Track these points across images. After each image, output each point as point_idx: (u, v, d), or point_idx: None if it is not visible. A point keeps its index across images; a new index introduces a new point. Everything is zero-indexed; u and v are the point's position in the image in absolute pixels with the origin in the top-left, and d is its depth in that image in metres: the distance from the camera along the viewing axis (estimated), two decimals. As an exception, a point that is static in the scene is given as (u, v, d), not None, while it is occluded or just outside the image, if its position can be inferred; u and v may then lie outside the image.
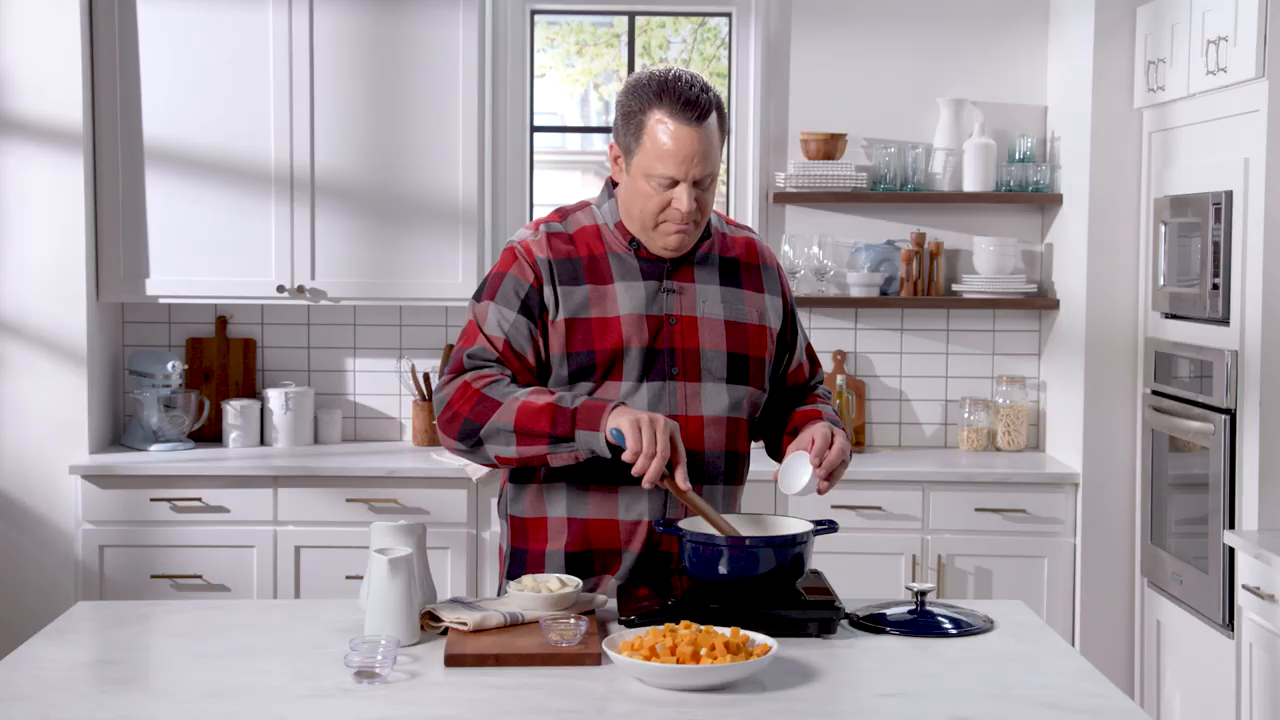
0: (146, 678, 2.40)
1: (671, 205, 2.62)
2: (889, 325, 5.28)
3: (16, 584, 4.77)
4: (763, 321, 2.77)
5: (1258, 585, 3.74)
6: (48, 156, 4.76)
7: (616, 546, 2.72)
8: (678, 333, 2.70)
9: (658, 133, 2.59)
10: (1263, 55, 3.86)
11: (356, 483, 4.71)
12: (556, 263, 2.69)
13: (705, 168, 2.61)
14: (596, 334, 2.66)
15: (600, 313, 2.67)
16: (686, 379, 2.69)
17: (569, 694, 2.22)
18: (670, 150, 2.58)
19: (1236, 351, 4.03)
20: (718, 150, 2.63)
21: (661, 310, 2.70)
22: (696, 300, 2.72)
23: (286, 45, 4.84)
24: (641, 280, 2.70)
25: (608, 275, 2.69)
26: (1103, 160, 4.76)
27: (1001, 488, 4.78)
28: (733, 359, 2.72)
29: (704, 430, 2.69)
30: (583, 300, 2.68)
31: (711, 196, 2.68)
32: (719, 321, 2.72)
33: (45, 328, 4.79)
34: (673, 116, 2.58)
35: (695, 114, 2.58)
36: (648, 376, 2.68)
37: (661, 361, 2.68)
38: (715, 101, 2.63)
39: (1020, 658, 2.47)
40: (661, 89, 2.59)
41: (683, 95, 2.58)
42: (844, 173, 5.06)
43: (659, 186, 2.61)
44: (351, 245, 4.90)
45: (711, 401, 2.71)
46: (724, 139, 2.67)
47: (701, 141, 2.59)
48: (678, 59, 5.53)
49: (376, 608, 2.45)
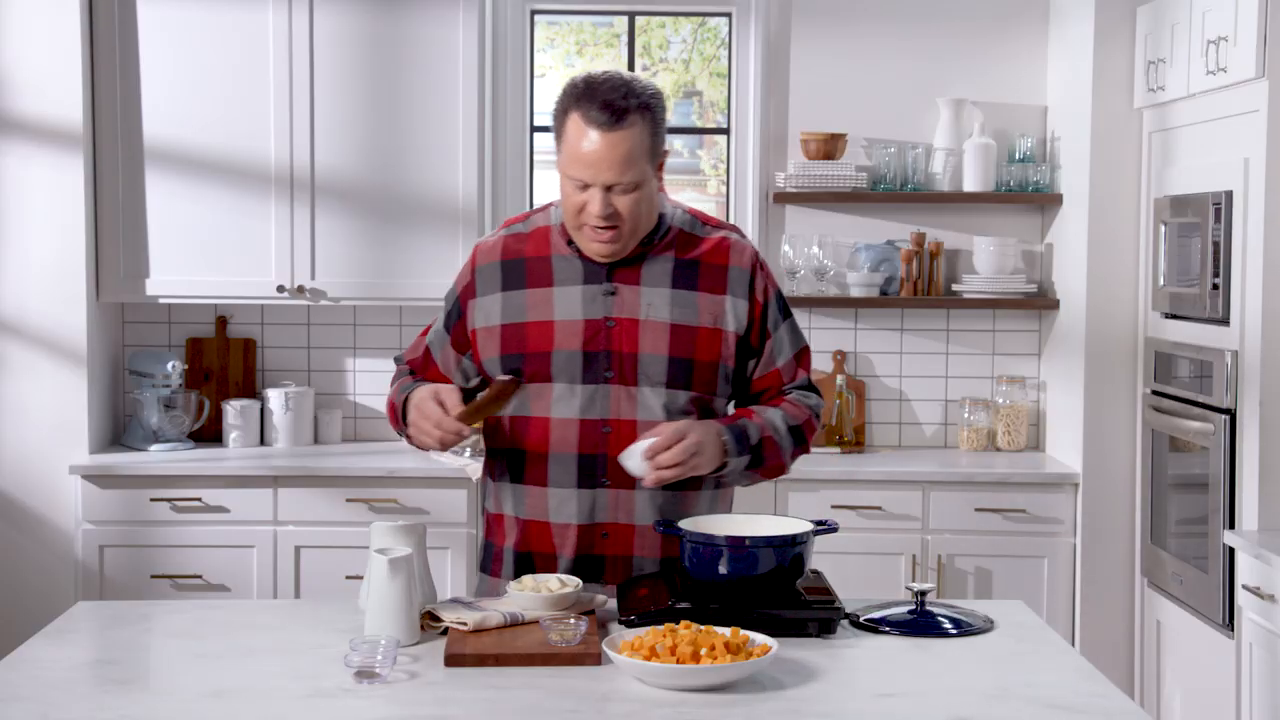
0: (146, 678, 2.40)
1: (586, 208, 2.61)
2: (889, 325, 5.28)
3: (16, 584, 4.77)
4: (717, 325, 2.70)
5: (1258, 585, 3.74)
6: (48, 156, 4.76)
7: (551, 550, 2.74)
8: (616, 336, 2.67)
9: (573, 135, 2.59)
10: (1263, 55, 3.86)
11: (356, 483, 4.71)
12: (504, 265, 2.74)
13: (618, 174, 2.57)
14: (531, 337, 2.69)
15: (537, 316, 2.70)
16: (624, 383, 2.67)
17: (569, 694, 2.22)
18: (580, 153, 2.58)
19: (1236, 351, 4.03)
20: (640, 156, 2.58)
21: (600, 313, 2.68)
22: (640, 303, 2.68)
23: (286, 45, 4.84)
24: (582, 283, 2.70)
25: (549, 278, 2.71)
26: (1103, 160, 4.76)
27: (1001, 488, 4.78)
28: (675, 363, 2.68)
29: (637, 434, 2.65)
30: (521, 305, 2.71)
31: (637, 203, 2.61)
32: (664, 325, 2.67)
33: (45, 328, 4.79)
34: (587, 119, 2.56)
35: (609, 117, 2.54)
36: (583, 379, 2.67)
37: (597, 365, 2.67)
38: (641, 106, 2.57)
39: (1020, 658, 2.47)
40: (584, 92, 2.58)
41: (601, 98, 2.56)
42: (844, 173, 5.06)
43: (575, 188, 2.61)
44: (351, 245, 4.90)
45: (648, 406, 2.67)
46: (654, 145, 2.60)
47: (612, 147, 2.55)
48: (678, 59, 5.53)
49: (376, 608, 2.45)
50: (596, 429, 2.68)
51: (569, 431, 2.68)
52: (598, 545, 2.71)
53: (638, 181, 2.60)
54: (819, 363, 5.26)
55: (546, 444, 2.69)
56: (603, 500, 2.69)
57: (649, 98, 2.60)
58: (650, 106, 2.60)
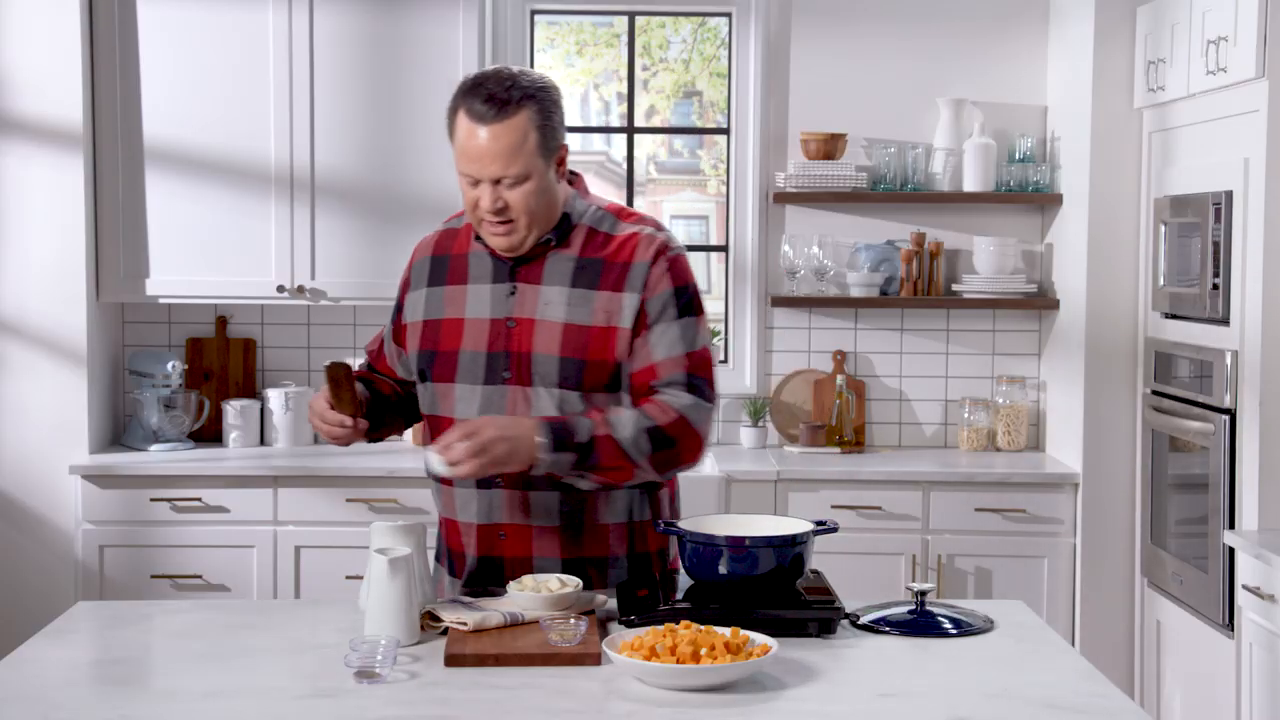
0: (146, 678, 2.40)
1: (479, 204, 2.62)
2: (889, 325, 5.28)
3: (16, 584, 4.77)
4: (611, 323, 2.64)
5: (1258, 585, 3.74)
6: (48, 156, 4.76)
7: (461, 549, 2.74)
8: (516, 336, 2.66)
9: (460, 131, 2.60)
10: (1263, 55, 3.86)
11: (356, 483, 4.71)
12: (433, 260, 2.78)
13: (503, 167, 2.56)
14: (443, 335, 2.71)
15: (452, 313, 2.72)
16: (520, 383, 2.65)
17: (569, 694, 2.22)
18: (466, 148, 2.59)
19: (1236, 351, 4.03)
20: (529, 149, 2.56)
21: (501, 313, 2.68)
22: (538, 302, 2.66)
23: (286, 45, 4.84)
24: (489, 282, 2.70)
25: (464, 276, 2.73)
26: (1103, 160, 4.76)
27: (1001, 488, 4.78)
28: (566, 364, 2.63)
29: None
30: (439, 300, 2.74)
31: (528, 196, 2.59)
32: (557, 325, 2.64)
33: (45, 328, 4.79)
34: (470, 114, 2.57)
35: (492, 111, 2.55)
36: (484, 380, 2.68)
37: (497, 365, 2.67)
38: (525, 97, 2.56)
39: (1020, 658, 2.47)
40: (469, 88, 2.60)
41: (484, 93, 2.56)
42: (844, 173, 5.06)
43: (468, 184, 2.62)
44: (351, 245, 4.90)
45: (541, 407, 2.64)
46: (544, 139, 2.58)
47: (495, 139, 2.55)
48: (678, 59, 5.53)
49: (376, 608, 2.45)
50: None
51: None
52: (497, 546, 2.70)
53: (525, 174, 2.58)
54: (819, 363, 5.26)
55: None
56: (498, 500, 2.68)
57: (536, 89, 2.58)
58: (536, 97, 2.58)
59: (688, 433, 2.61)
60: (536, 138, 2.57)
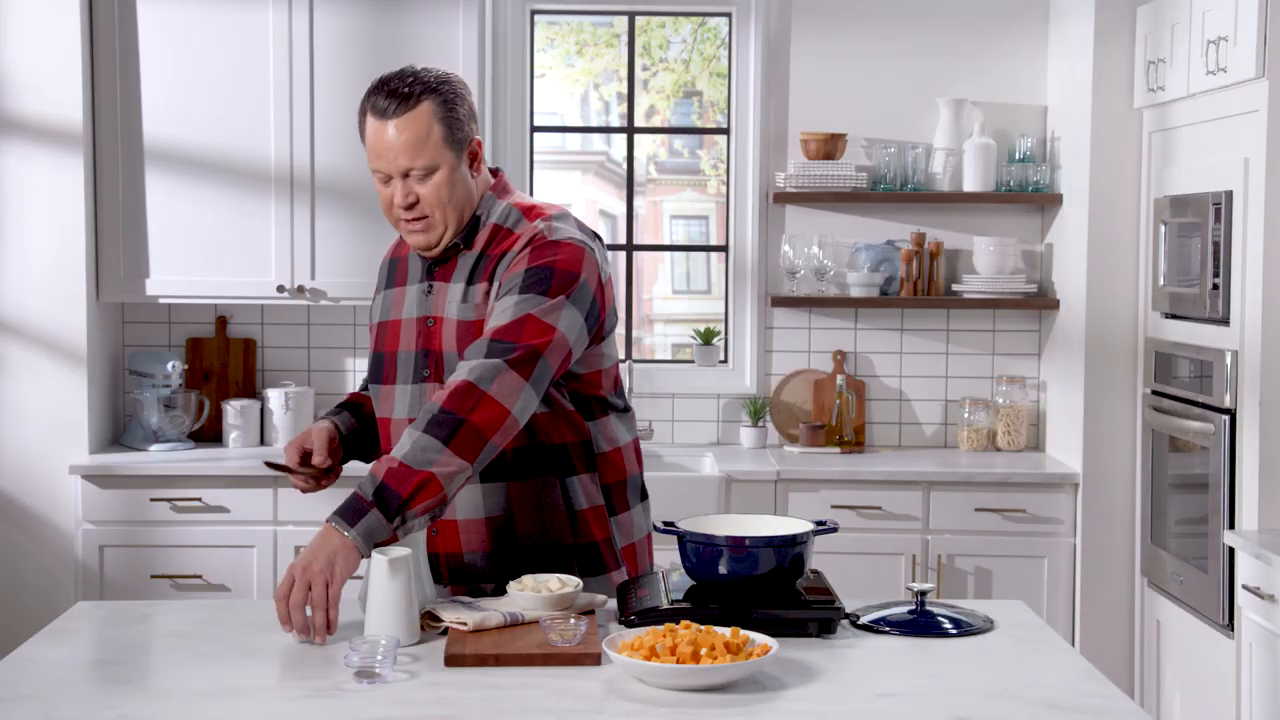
0: (146, 678, 2.40)
1: (393, 202, 2.64)
2: (889, 325, 5.28)
3: (16, 584, 4.77)
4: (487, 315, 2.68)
5: (1258, 585, 3.74)
6: (48, 156, 4.76)
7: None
8: (434, 334, 2.71)
9: (367, 131, 2.63)
10: (1263, 55, 3.86)
11: (357, 483, 4.69)
12: (388, 264, 2.84)
13: (409, 159, 2.59)
14: (385, 337, 2.76)
15: (391, 315, 2.77)
16: (438, 379, 2.69)
17: (569, 694, 2.22)
18: (373, 145, 2.62)
19: (1236, 351, 4.03)
20: (435, 141, 2.58)
21: (423, 312, 2.72)
22: (445, 301, 2.70)
23: (286, 45, 4.84)
24: (417, 283, 2.74)
25: (403, 278, 2.78)
26: (1103, 160, 4.76)
27: (1001, 488, 4.78)
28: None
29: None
30: (385, 303, 2.79)
31: (439, 189, 2.61)
32: (454, 322, 2.68)
33: (45, 328, 4.79)
34: (373, 112, 2.61)
35: (393, 105, 2.58)
36: (411, 379, 2.72)
37: (419, 364, 2.71)
38: (427, 90, 2.58)
39: (1020, 658, 2.47)
40: (374, 87, 2.63)
41: (384, 89, 2.60)
42: (844, 173, 5.06)
43: (380, 183, 2.65)
44: (351, 245, 4.90)
45: None
46: (450, 132, 2.60)
47: (398, 133, 2.58)
48: (678, 59, 5.53)
49: (376, 608, 2.45)
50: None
51: (399, 430, 2.72)
52: (428, 542, 2.72)
53: (433, 166, 2.60)
54: (819, 363, 5.26)
55: (390, 442, 2.75)
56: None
57: (437, 83, 2.61)
58: (438, 90, 2.61)
59: (474, 401, 2.46)
60: (441, 130, 2.60)
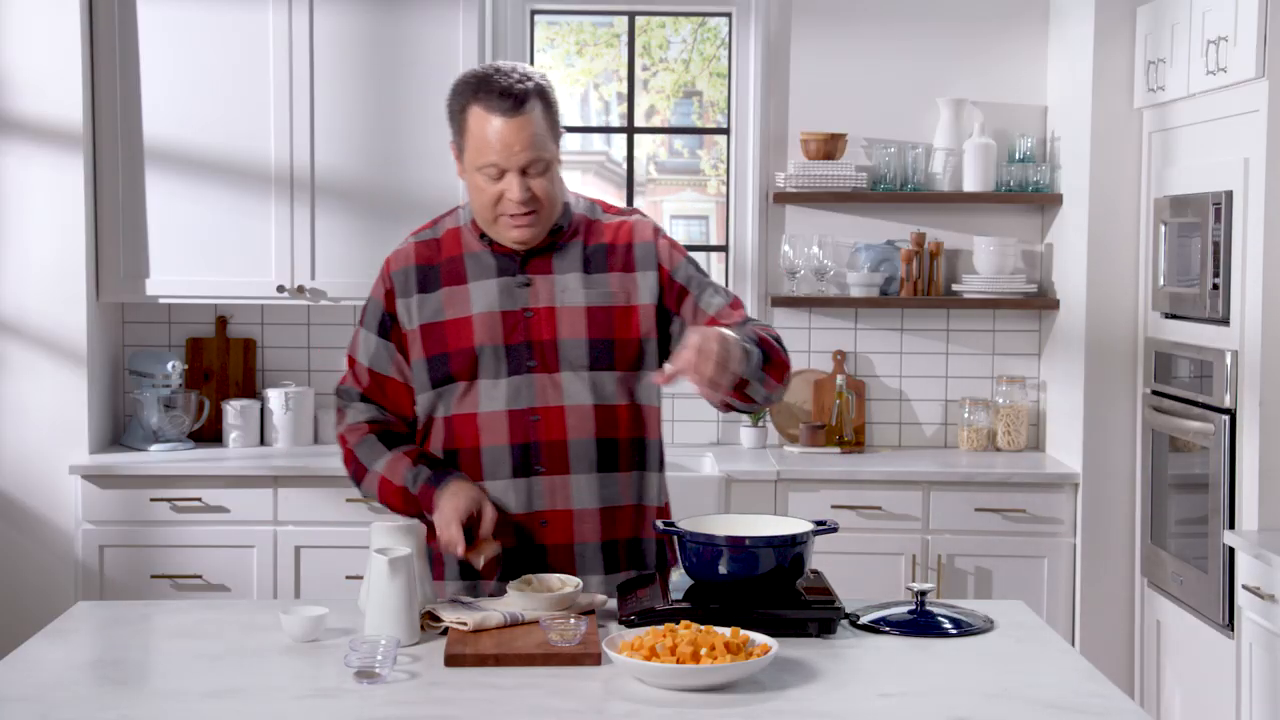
0: (146, 678, 2.40)
1: (504, 196, 2.64)
2: (889, 325, 5.28)
3: (16, 584, 4.77)
4: (631, 301, 2.74)
5: (1258, 585, 3.74)
6: (48, 156, 4.76)
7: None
8: (535, 325, 2.71)
9: (479, 127, 2.63)
10: (1263, 55, 3.86)
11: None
12: (418, 269, 2.77)
13: (529, 154, 2.62)
14: (450, 336, 2.72)
15: (455, 314, 2.73)
16: (546, 370, 2.71)
17: (569, 694, 2.22)
18: (490, 141, 2.62)
19: (1236, 351, 4.03)
20: (546, 137, 2.65)
21: (517, 304, 2.72)
22: (555, 290, 2.72)
23: (286, 45, 4.84)
24: (496, 277, 2.73)
25: (463, 276, 2.75)
26: (1103, 160, 4.76)
27: (1001, 488, 4.78)
28: (596, 345, 2.71)
29: (566, 420, 2.70)
30: (438, 305, 2.74)
31: (549, 184, 2.66)
32: (580, 309, 2.71)
33: (45, 328, 4.79)
34: (489, 109, 2.62)
35: (510, 103, 2.60)
36: (507, 372, 2.71)
37: (519, 355, 2.71)
38: (536, 89, 2.64)
39: (1020, 658, 2.47)
40: (478, 85, 2.64)
41: (497, 87, 2.61)
42: (844, 173, 5.06)
43: (489, 179, 2.65)
44: (351, 245, 4.90)
45: (573, 391, 2.70)
46: (554, 125, 2.67)
47: (520, 129, 2.61)
48: (678, 59, 5.53)
49: (376, 608, 2.46)
50: (525, 418, 2.70)
51: (498, 424, 2.70)
52: (538, 534, 2.72)
53: (549, 161, 2.66)
54: (819, 363, 5.26)
55: (477, 439, 2.72)
56: (539, 488, 2.71)
57: (541, 80, 2.67)
58: (542, 86, 2.66)
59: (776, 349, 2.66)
60: (549, 125, 2.67)
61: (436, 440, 2.77)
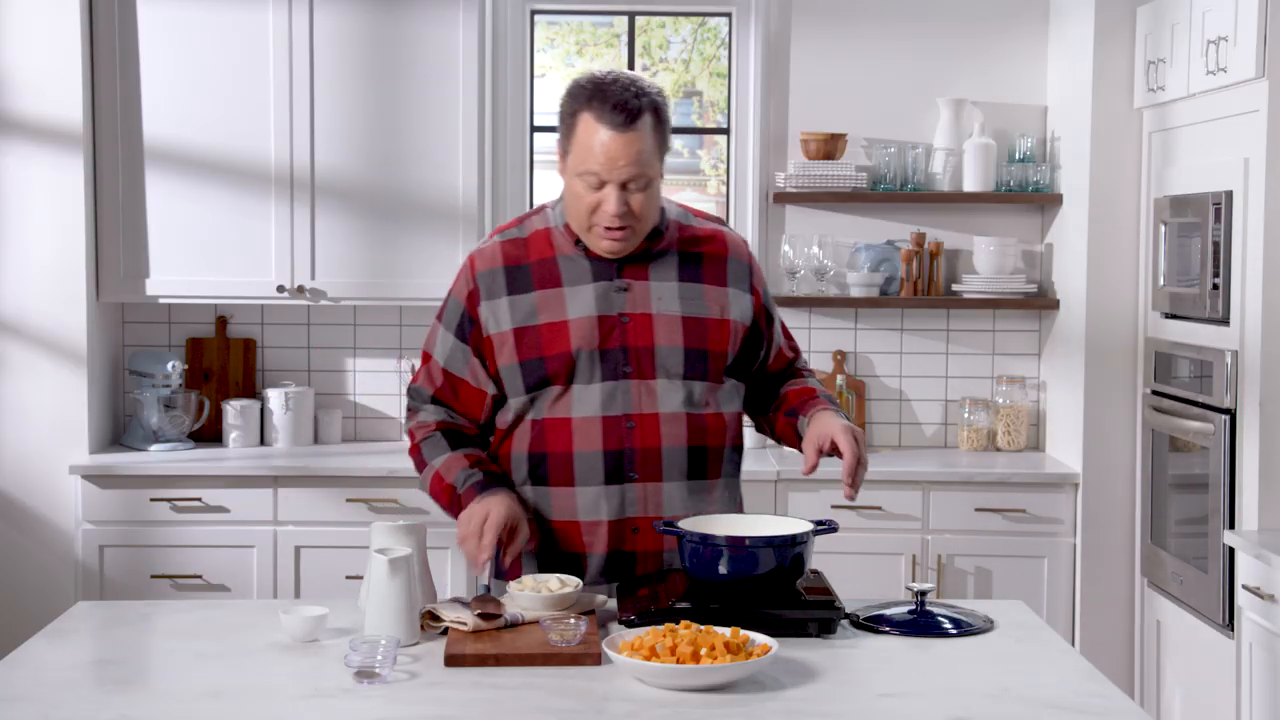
0: (146, 678, 2.41)
1: (601, 206, 2.64)
2: (889, 325, 5.28)
3: (16, 584, 4.77)
4: (724, 316, 2.76)
5: (1258, 585, 3.74)
6: (48, 156, 4.76)
7: (580, 549, 2.74)
8: (631, 331, 2.71)
9: (586, 135, 2.62)
10: (1263, 55, 3.86)
11: (356, 483, 4.71)
12: (506, 271, 2.74)
13: (633, 170, 2.61)
14: (545, 340, 2.70)
15: (549, 318, 2.71)
16: (641, 376, 2.71)
17: (569, 694, 2.22)
18: (596, 152, 2.61)
19: (1236, 351, 4.03)
20: (653, 154, 2.63)
21: (613, 309, 2.71)
22: (651, 297, 2.72)
23: (286, 45, 4.84)
24: (591, 281, 2.72)
25: (556, 279, 2.73)
26: (1103, 160, 4.76)
27: (1001, 488, 4.78)
28: (690, 354, 2.72)
29: (660, 427, 2.71)
30: (531, 308, 2.72)
31: (649, 200, 2.65)
32: (675, 318, 2.72)
33: (45, 328, 4.79)
34: (600, 119, 2.60)
35: (623, 118, 2.59)
36: (601, 377, 2.70)
37: (614, 361, 2.70)
38: (651, 105, 2.62)
39: (1020, 658, 2.47)
40: (594, 92, 2.62)
41: (612, 99, 2.60)
42: (844, 173, 5.06)
43: (588, 187, 2.64)
44: (351, 245, 4.90)
45: (667, 398, 2.71)
46: (662, 142, 2.66)
47: (628, 145, 2.60)
48: (678, 59, 5.53)
49: (376, 608, 2.46)
50: (620, 425, 2.70)
51: (592, 429, 2.70)
52: (628, 541, 2.72)
53: (651, 178, 2.65)
54: (819, 363, 5.26)
55: (570, 444, 2.71)
56: (631, 495, 2.71)
57: (657, 96, 2.66)
58: (657, 103, 2.65)
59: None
60: (657, 142, 2.65)
61: (523, 442, 2.75)
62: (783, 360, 2.92)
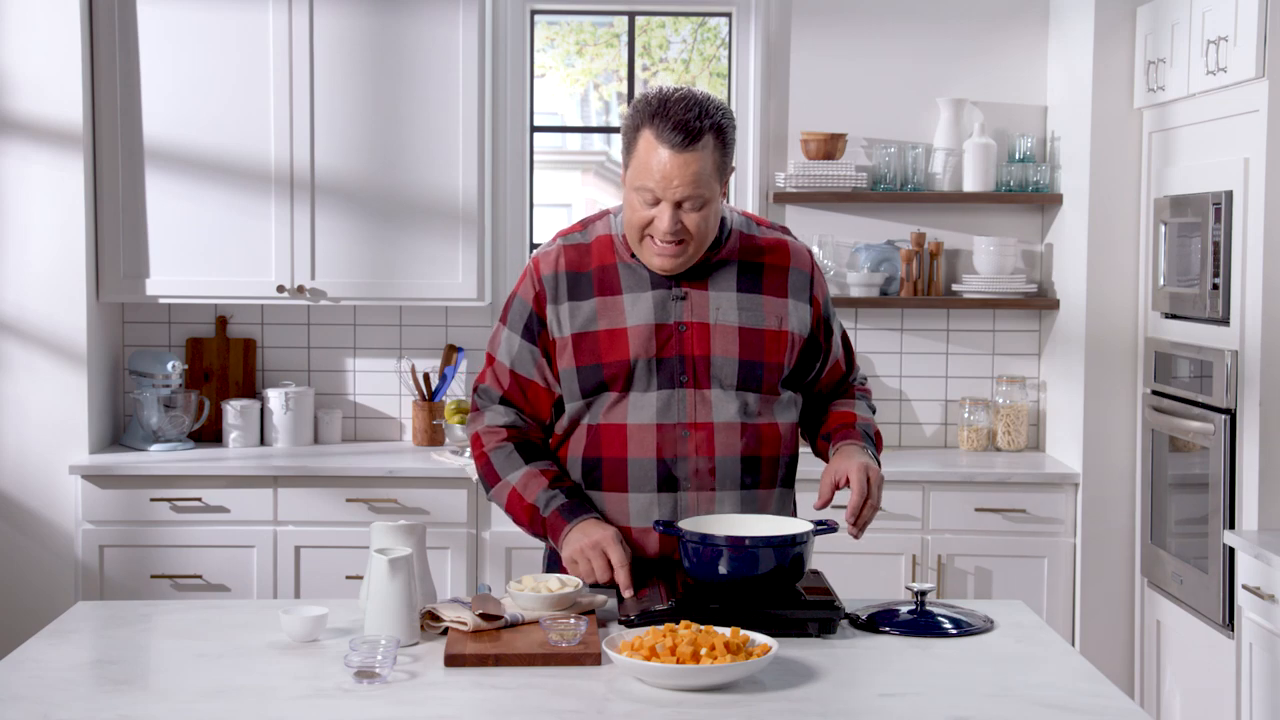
0: (146, 678, 2.40)
1: (654, 222, 2.64)
2: (889, 325, 5.28)
3: (16, 584, 4.77)
4: (782, 327, 2.76)
5: (1258, 585, 3.74)
6: (48, 156, 4.76)
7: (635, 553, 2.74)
8: (688, 340, 2.72)
9: (644, 152, 2.62)
10: (1263, 55, 3.86)
11: (356, 483, 4.71)
12: (568, 276, 2.75)
13: (688, 191, 2.60)
14: (604, 347, 2.71)
15: (608, 324, 2.72)
16: (697, 386, 2.71)
17: (569, 694, 2.23)
18: (652, 169, 2.61)
19: (1236, 351, 4.03)
20: (711, 175, 2.62)
21: (671, 318, 2.72)
22: (709, 307, 2.73)
23: (286, 45, 4.84)
24: (650, 289, 2.73)
25: (616, 286, 2.73)
26: (1103, 160, 4.76)
27: (1001, 488, 4.78)
28: (745, 366, 2.73)
29: (715, 436, 2.72)
30: (591, 314, 2.73)
31: (704, 219, 2.65)
32: (733, 328, 2.73)
33: (45, 328, 4.79)
34: (660, 138, 2.60)
35: (682, 138, 2.58)
36: (657, 385, 2.71)
37: (671, 369, 2.71)
38: (713, 127, 2.61)
39: (1020, 658, 2.47)
40: (657, 109, 2.62)
41: (674, 118, 2.59)
42: (844, 173, 5.06)
43: (644, 203, 2.64)
44: (351, 245, 4.90)
45: (722, 408, 2.72)
46: (723, 164, 2.65)
47: (684, 166, 2.59)
48: (677, 59, 5.54)
49: (376, 608, 2.46)
50: (675, 433, 2.71)
51: (647, 436, 2.71)
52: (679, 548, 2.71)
53: (707, 199, 2.64)
54: (819, 363, 5.26)
55: (625, 449, 2.72)
56: (684, 503, 2.72)
57: (721, 118, 2.64)
58: (722, 127, 2.63)
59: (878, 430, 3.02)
60: (717, 164, 2.63)
61: (578, 446, 2.77)
62: (837, 373, 2.92)
